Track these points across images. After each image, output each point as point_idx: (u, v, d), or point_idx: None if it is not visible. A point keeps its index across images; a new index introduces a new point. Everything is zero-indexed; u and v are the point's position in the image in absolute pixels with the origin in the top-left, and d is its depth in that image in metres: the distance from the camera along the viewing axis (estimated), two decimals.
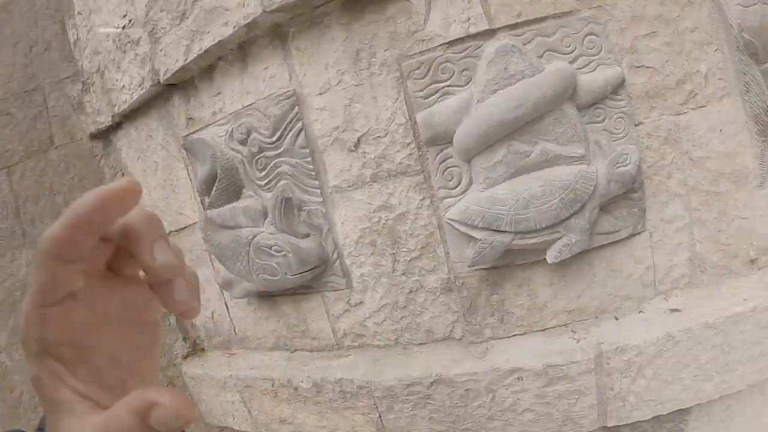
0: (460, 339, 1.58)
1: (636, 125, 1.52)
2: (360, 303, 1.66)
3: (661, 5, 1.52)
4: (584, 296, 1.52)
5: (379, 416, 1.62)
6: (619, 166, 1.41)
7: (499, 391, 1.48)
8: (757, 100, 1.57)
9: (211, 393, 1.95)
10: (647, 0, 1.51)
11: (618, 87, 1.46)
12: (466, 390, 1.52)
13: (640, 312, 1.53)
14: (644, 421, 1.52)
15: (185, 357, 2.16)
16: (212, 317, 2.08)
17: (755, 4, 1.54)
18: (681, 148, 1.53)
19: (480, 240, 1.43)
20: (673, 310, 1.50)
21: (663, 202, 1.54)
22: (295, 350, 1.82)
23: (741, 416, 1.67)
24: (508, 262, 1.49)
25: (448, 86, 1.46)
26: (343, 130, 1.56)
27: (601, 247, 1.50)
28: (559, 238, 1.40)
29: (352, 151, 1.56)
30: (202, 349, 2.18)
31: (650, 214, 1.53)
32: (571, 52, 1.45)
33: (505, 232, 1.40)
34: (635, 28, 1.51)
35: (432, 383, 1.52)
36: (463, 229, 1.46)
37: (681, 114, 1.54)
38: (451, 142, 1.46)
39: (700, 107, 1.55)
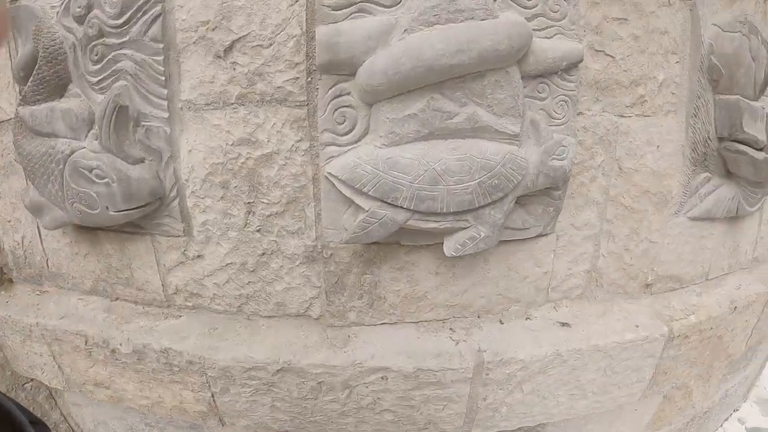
0: (317, 319, 1.30)
1: (576, 115, 1.27)
2: (199, 256, 1.29)
3: None
4: (471, 292, 1.32)
5: (212, 396, 1.32)
6: (554, 159, 1.15)
7: (357, 388, 1.24)
8: (702, 127, 1.41)
9: (16, 339, 1.53)
10: None
11: (572, 66, 1.18)
12: (319, 383, 1.25)
13: (527, 318, 1.37)
14: (509, 431, 1.41)
15: None
16: (22, 243, 1.60)
17: (736, 32, 1.36)
18: (613, 153, 1.34)
19: (367, 212, 1.10)
20: (563, 324, 1.36)
21: (578, 206, 1.35)
22: (117, 299, 1.43)
23: (592, 429, 1.64)
24: (392, 239, 1.20)
25: (368, 1, 1.06)
26: (214, 28, 1.12)
27: (503, 243, 1.27)
28: (465, 228, 1.14)
29: (220, 57, 1.13)
30: (10, 280, 1.68)
31: (563, 215, 1.33)
32: (533, 8, 1.13)
33: (402, 208, 1.08)
34: (608, 6, 1.23)
35: (278, 371, 1.23)
36: (346, 191, 1.11)
37: (624, 116, 1.32)
38: (353, 75, 1.08)
39: (646, 116, 1.35)
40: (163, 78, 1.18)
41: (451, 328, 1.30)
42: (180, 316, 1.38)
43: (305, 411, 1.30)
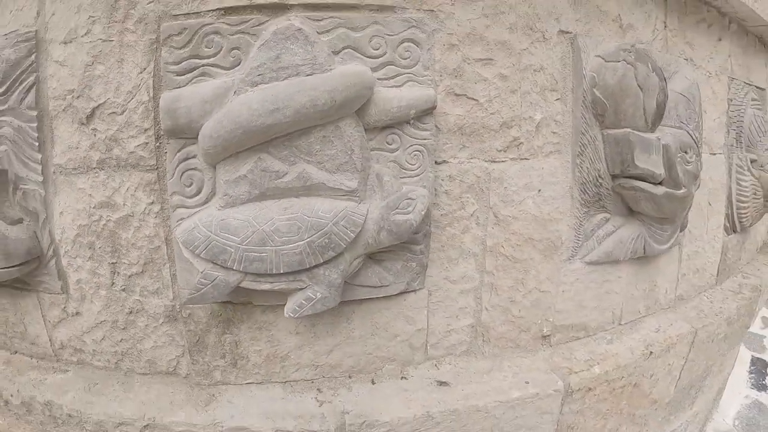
0: (185, 377, 1.06)
1: (438, 163, 1.00)
2: (77, 313, 1.09)
3: (510, 31, 0.99)
4: (338, 352, 1.04)
5: None
6: (397, 213, 0.89)
7: None
8: (590, 166, 1.09)
9: None
10: (493, 20, 0.97)
11: (425, 113, 0.92)
12: None
13: (402, 378, 1.06)
14: None
15: None
16: None
17: (619, 61, 1.05)
18: (487, 201, 1.04)
19: (201, 273, 0.88)
20: (441, 383, 1.04)
21: (452, 259, 1.05)
22: (16, 352, 1.21)
23: None
24: (245, 299, 0.97)
25: (210, 65, 0.87)
26: (78, 96, 0.94)
27: (365, 301, 1.01)
28: (302, 289, 0.89)
29: (84, 124, 0.96)
30: None
31: (434, 270, 1.04)
32: (379, 57, 0.90)
33: (232, 270, 0.86)
34: (468, 48, 0.97)
35: (145, 427, 1.00)
36: (186, 253, 0.90)
37: (497, 162, 1.03)
38: (197, 138, 0.88)
39: (522, 159, 1.05)
40: (38, 144, 1.00)
41: (318, 389, 1.02)
42: (67, 371, 1.16)
43: None
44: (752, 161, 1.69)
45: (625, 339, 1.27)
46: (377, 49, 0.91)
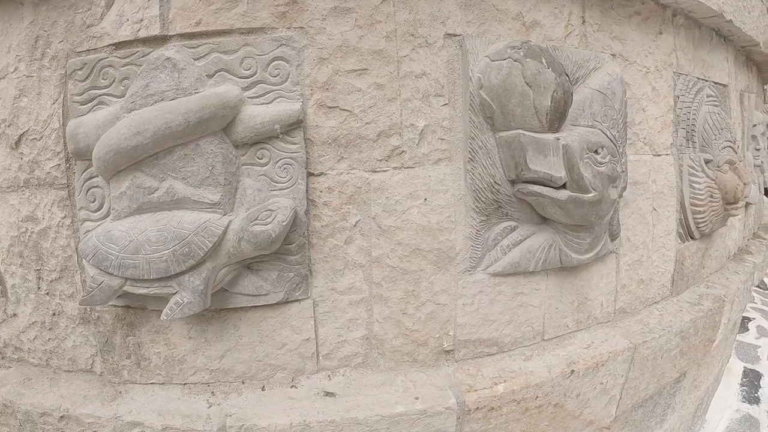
0: (100, 374, 1.06)
1: (316, 175, 0.93)
2: (14, 315, 1.12)
3: (387, 40, 0.92)
4: (229, 357, 0.99)
5: None
6: (256, 224, 0.84)
7: None
8: (483, 171, 0.98)
9: None
10: (368, 30, 0.91)
11: (292, 127, 0.88)
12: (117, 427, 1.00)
13: (292, 386, 0.98)
14: None
15: None
16: None
17: (505, 59, 0.94)
18: (369, 212, 0.96)
19: (91, 277, 0.89)
20: (327, 394, 0.96)
21: (337, 270, 0.97)
22: None
23: None
24: (140, 304, 0.96)
25: (105, 95, 0.90)
26: (9, 125, 1.00)
27: (251, 309, 0.95)
28: (174, 294, 0.86)
29: (14, 149, 1.01)
30: None
31: (319, 280, 0.97)
32: (250, 77, 0.87)
33: (114, 275, 0.86)
34: (340, 60, 0.91)
35: (61, 417, 1.00)
36: (84, 261, 0.92)
37: (378, 171, 0.95)
38: None
39: (406, 168, 0.96)
40: None
41: (212, 392, 0.98)
42: (9, 367, 1.20)
43: None
44: (707, 162, 1.46)
45: (546, 356, 1.12)
46: (248, 70, 0.88)
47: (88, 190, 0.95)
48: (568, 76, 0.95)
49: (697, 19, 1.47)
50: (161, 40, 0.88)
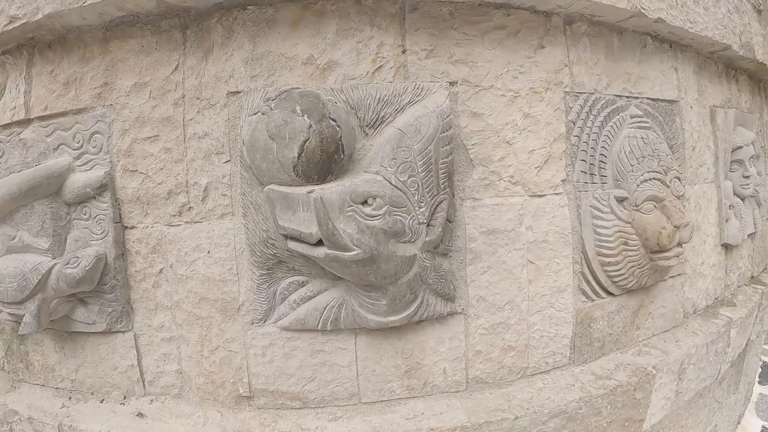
0: (8, 372, 1.15)
1: (130, 228, 0.91)
2: None
3: (174, 106, 0.86)
4: (81, 371, 1.01)
5: None
6: (67, 267, 0.87)
7: (11, 423, 1.03)
8: (256, 227, 0.82)
9: None
10: (160, 100, 0.86)
11: (101, 189, 0.88)
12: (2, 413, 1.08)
13: (122, 404, 0.95)
14: None
15: None
16: None
17: (256, 113, 0.77)
18: (168, 261, 0.89)
19: None
20: (139, 414, 0.91)
21: (150, 309, 0.92)
22: None
23: None
24: (13, 319, 1.02)
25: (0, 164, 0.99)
26: None
27: (92, 334, 0.96)
28: (23, 314, 0.91)
29: None
30: None
31: (139, 317, 0.93)
32: (78, 149, 0.91)
33: None
34: (138, 130, 0.88)
35: None
36: None
37: (173, 225, 0.88)
38: None
39: (196, 222, 0.86)
40: None
41: (69, 398, 1.01)
42: None
43: None
44: (620, 200, 0.94)
45: (355, 420, 0.85)
46: (78, 143, 0.92)
47: None
48: (334, 121, 0.72)
49: (611, 24, 0.99)
50: (26, 122, 0.97)
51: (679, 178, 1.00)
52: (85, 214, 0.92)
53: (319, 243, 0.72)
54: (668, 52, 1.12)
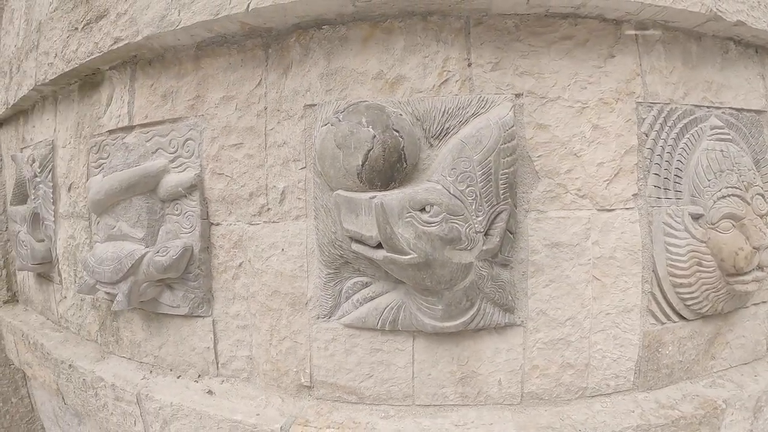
0: (100, 344, 1.33)
1: (215, 225, 1.04)
2: (65, 297, 1.49)
3: (257, 117, 0.98)
4: (164, 349, 1.15)
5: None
6: (157, 255, 1.01)
7: (97, 390, 1.18)
8: (326, 229, 0.91)
9: (9, 337, 1.74)
10: (245, 111, 0.99)
11: (192, 189, 1.02)
12: (84, 380, 1.25)
13: (195, 381, 1.08)
14: None
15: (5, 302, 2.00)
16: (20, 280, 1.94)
17: (326, 125, 0.86)
18: (247, 256, 1.00)
19: (80, 277, 1.20)
20: (209, 392, 1.02)
21: (229, 299, 1.04)
22: (47, 318, 1.62)
23: None
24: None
25: (104, 164, 1.16)
26: (66, 177, 1.38)
27: (176, 317, 1.09)
28: (117, 293, 1.06)
29: (69, 191, 1.38)
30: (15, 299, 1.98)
31: (218, 304, 1.05)
32: (173, 152, 1.06)
33: (90, 277, 1.12)
34: (225, 138, 1.01)
35: (69, 366, 1.28)
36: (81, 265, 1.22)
37: (253, 224, 1.00)
38: None
39: (273, 222, 0.97)
40: (53, 200, 1.46)
41: (150, 371, 1.16)
42: (61, 331, 1.50)
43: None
44: (695, 217, 0.87)
45: (406, 421, 0.89)
46: (173, 148, 1.08)
47: (97, 223, 1.23)
48: (397, 131, 0.78)
49: (688, 30, 0.94)
50: (129, 128, 1.14)
51: (763, 195, 0.92)
52: (176, 210, 1.06)
53: (379, 246, 0.78)
54: (753, 58, 1.04)
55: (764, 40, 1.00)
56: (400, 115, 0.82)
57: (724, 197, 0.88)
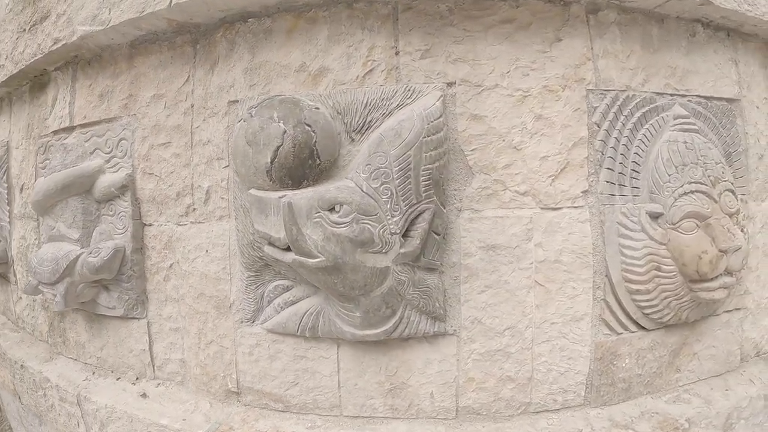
0: (51, 344, 1.32)
1: (148, 225, 1.02)
2: (20, 298, 1.46)
3: (184, 115, 0.96)
4: (105, 351, 1.15)
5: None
6: (90, 256, 1.00)
7: (45, 390, 1.18)
8: (245, 230, 0.87)
9: None
10: (173, 110, 0.98)
11: (123, 189, 1.01)
12: (34, 380, 1.24)
13: (133, 383, 1.06)
14: None
15: None
16: None
17: (239, 121, 0.83)
18: (176, 257, 0.98)
19: (26, 277, 1.22)
20: (143, 395, 1.01)
21: (162, 301, 1.02)
22: (7, 318, 1.67)
23: None
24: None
25: (48, 163, 1.16)
26: (18, 177, 1.39)
27: (114, 318, 1.08)
28: (56, 294, 1.05)
29: (21, 192, 1.39)
30: None
31: (153, 306, 1.04)
32: (109, 153, 1.05)
33: (33, 278, 1.11)
34: (154, 137, 1.00)
35: (21, 366, 1.27)
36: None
37: (181, 225, 0.97)
38: None
39: (199, 223, 0.95)
40: (8, 201, 1.46)
41: (93, 372, 1.16)
42: (18, 332, 1.51)
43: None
44: (654, 216, 0.78)
45: None
46: (109, 148, 1.08)
47: (42, 224, 1.23)
48: (309, 126, 0.72)
49: (647, 11, 0.84)
50: (71, 129, 1.14)
51: (733, 191, 0.81)
52: (111, 211, 1.06)
53: (289, 248, 0.73)
54: (725, 42, 0.94)
55: (735, 21, 0.89)
56: (317, 108, 0.77)
57: (686, 194, 0.78)
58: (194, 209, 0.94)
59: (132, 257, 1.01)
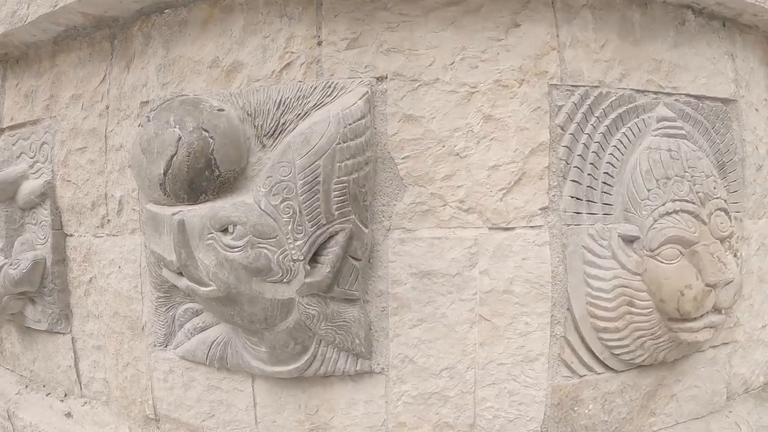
0: None
1: (69, 236, 0.95)
2: None
3: (100, 117, 0.88)
4: (36, 364, 1.09)
5: None
6: (10, 268, 0.93)
7: None
8: (149, 245, 0.73)
9: None
10: (89, 111, 0.90)
11: (43, 197, 0.94)
12: None
13: (62, 400, 1.00)
14: None
15: None
16: None
17: (138, 126, 0.71)
18: (94, 271, 0.91)
19: None
20: (67, 414, 0.96)
21: (84, 316, 0.96)
22: None
23: None
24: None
25: None
26: None
27: (43, 332, 1.01)
28: None
29: None
30: None
31: (77, 321, 0.97)
32: (33, 157, 0.99)
33: None
34: (72, 141, 0.93)
35: None
36: None
37: (98, 237, 0.90)
38: None
39: (113, 235, 0.87)
40: None
41: (26, 385, 1.11)
42: None
43: None
44: (628, 240, 0.63)
45: None
46: (33, 152, 1.01)
47: None
48: (207, 131, 0.61)
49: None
50: (0, 131, 1.07)
51: (726, 211, 0.66)
52: (33, 220, 1.00)
53: (179, 273, 0.63)
54: (720, 33, 0.77)
55: (733, 9, 0.73)
56: (219, 110, 0.66)
57: (669, 214, 0.64)
58: (108, 221, 0.87)
59: (53, 269, 0.94)
